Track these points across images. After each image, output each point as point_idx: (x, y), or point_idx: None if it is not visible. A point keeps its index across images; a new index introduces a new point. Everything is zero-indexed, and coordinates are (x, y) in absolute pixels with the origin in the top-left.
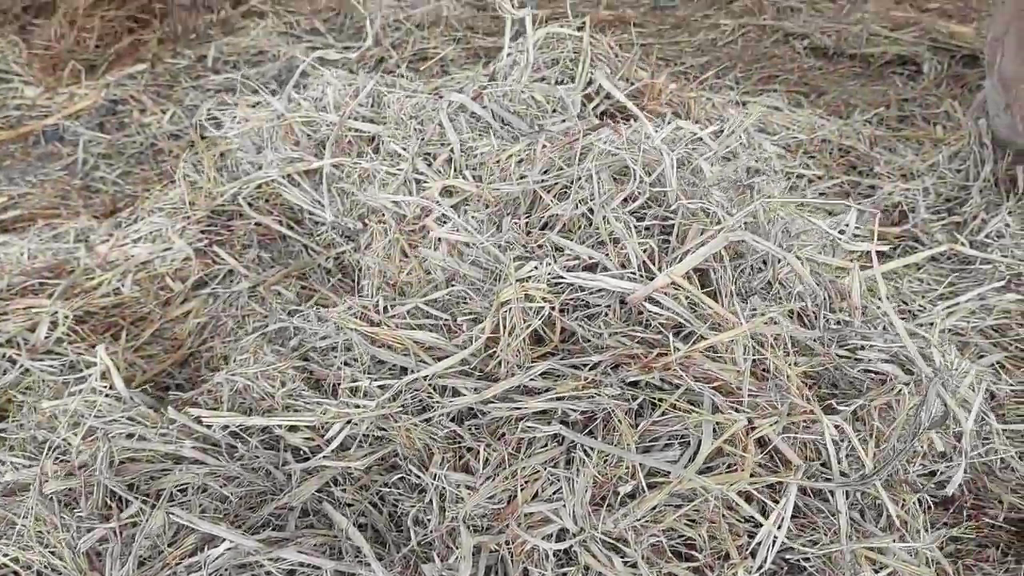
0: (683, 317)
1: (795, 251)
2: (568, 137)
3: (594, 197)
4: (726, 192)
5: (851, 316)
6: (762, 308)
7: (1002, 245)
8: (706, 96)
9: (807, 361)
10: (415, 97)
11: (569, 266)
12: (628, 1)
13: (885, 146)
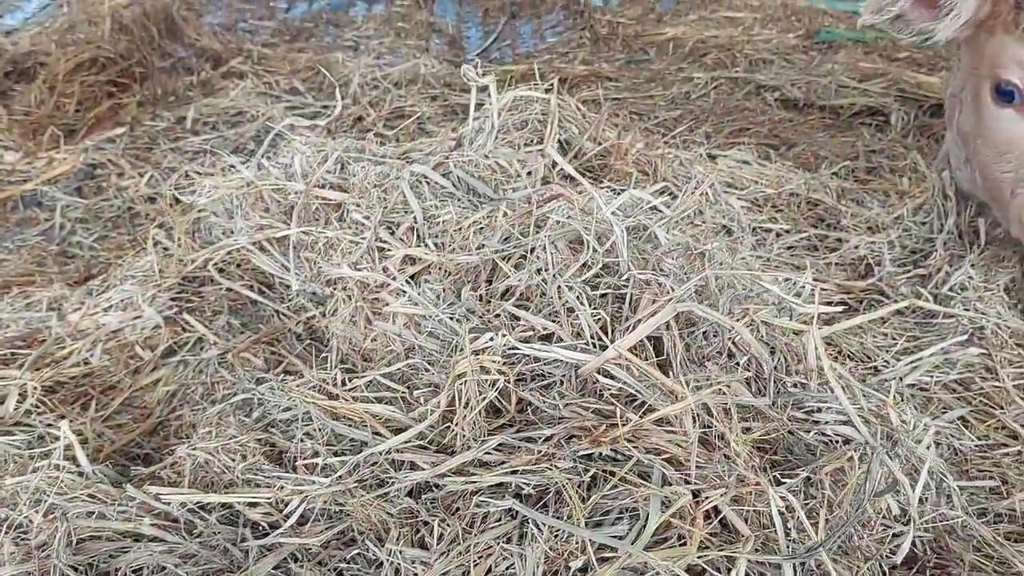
0: (634, 388)
1: (750, 314)
2: (524, 207)
3: (549, 267)
4: (678, 259)
5: (807, 379)
6: (716, 375)
7: (965, 298)
8: (675, 153)
9: (761, 427)
10: (380, 165)
11: (525, 337)
12: (604, 55)
13: (853, 198)
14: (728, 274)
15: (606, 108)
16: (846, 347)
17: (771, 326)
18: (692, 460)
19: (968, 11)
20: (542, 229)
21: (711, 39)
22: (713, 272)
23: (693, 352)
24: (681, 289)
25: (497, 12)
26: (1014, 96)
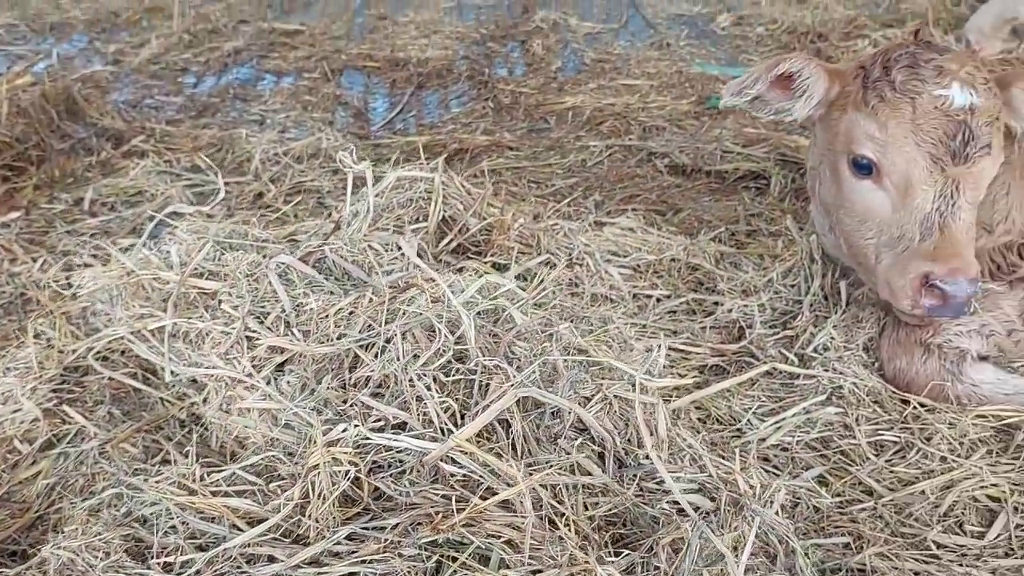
0: (479, 474)
1: (603, 390)
2: (387, 294)
3: (403, 356)
4: (529, 342)
5: (659, 450)
6: (565, 453)
7: (826, 358)
8: (562, 224)
9: (607, 502)
10: (252, 254)
11: (379, 426)
12: (506, 124)
13: (731, 261)
14: (572, 357)
15: (489, 185)
16: (715, 411)
17: (625, 400)
18: (527, 543)
19: (819, 92)
20: (396, 319)
21: (608, 107)
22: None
23: (541, 431)
24: (522, 375)
25: (404, 83)
26: (871, 169)
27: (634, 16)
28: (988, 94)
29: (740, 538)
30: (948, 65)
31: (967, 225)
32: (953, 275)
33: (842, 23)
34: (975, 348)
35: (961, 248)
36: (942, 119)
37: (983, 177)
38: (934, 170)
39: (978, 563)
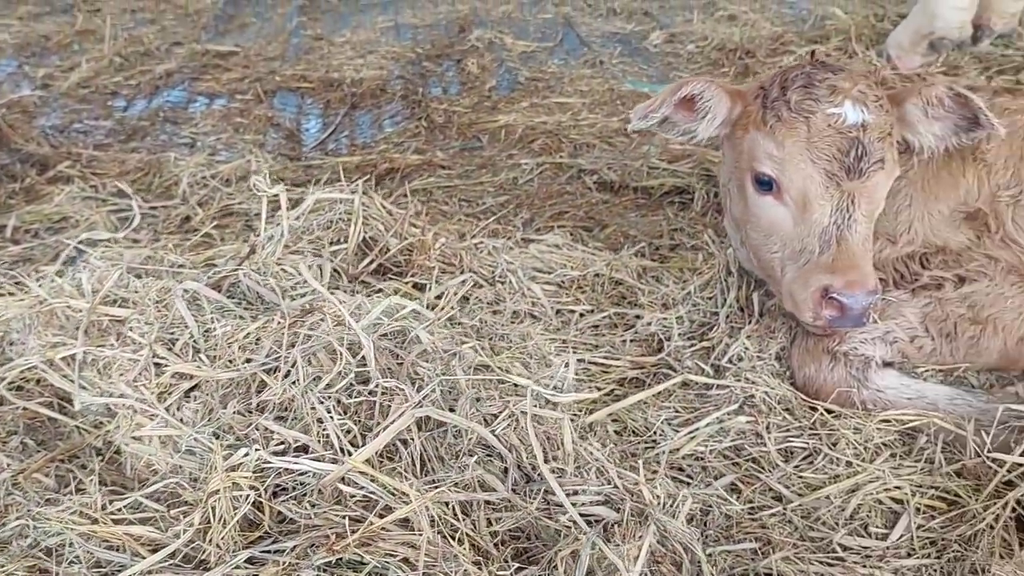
0: (378, 494)
1: (511, 407)
2: (292, 318)
3: (304, 380)
4: (433, 362)
5: (566, 464)
6: (469, 469)
7: (739, 369)
8: (487, 242)
9: (511, 516)
10: (162, 280)
11: (281, 449)
12: (439, 143)
13: (653, 276)
14: (474, 376)
15: (411, 205)
16: (631, 423)
17: (532, 416)
18: (421, 560)
19: (722, 113)
20: (300, 342)
21: (540, 125)
22: (456, 377)
23: (444, 449)
24: (419, 395)
25: (338, 104)
26: (772, 186)
27: (569, 34)
28: (880, 111)
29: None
30: (841, 84)
31: (863, 237)
32: (850, 288)
33: (769, 40)
34: (879, 355)
35: (858, 260)
36: (836, 136)
37: (878, 190)
38: (830, 185)
39: (881, 564)
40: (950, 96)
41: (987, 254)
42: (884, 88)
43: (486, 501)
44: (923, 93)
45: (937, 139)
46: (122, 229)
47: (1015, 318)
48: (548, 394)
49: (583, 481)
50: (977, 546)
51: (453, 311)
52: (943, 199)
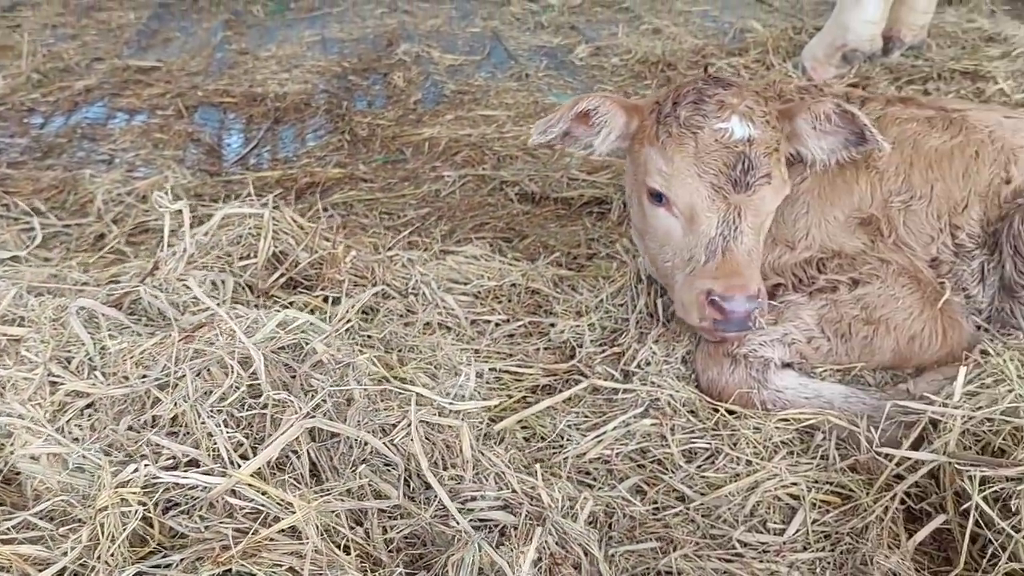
0: (268, 506)
1: (409, 415)
2: (181, 335)
3: (193, 394)
4: (327, 374)
5: (464, 471)
6: (362, 478)
7: (646, 373)
8: (402, 255)
9: (405, 524)
10: (57, 299)
11: (172, 464)
12: (362, 157)
13: (569, 284)
14: (370, 387)
15: (323, 219)
16: (540, 429)
17: (430, 424)
18: (307, 569)
19: (617, 127)
20: (192, 357)
21: (464, 138)
22: (350, 388)
23: (338, 460)
24: (307, 406)
25: (261, 118)
26: (663, 198)
27: (497, 48)
28: (766, 126)
29: (542, 549)
30: (729, 100)
31: (748, 248)
32: (731, 292)
33: (690, 52)
34: (778, 356)
35: (741, 268)
36: (722, 151)
37: (765, 203)
38: (717, 199)
39: (777, 558)
40: (837, 112)
41: (880, 257)
42: (781, 102)
43: (381, 509)
44: (812, 109)
45: (828, 153)
46: (29, 247)
47: (906, 318)
48: (445, 403)
49: (480, 487)
50: (867, 538)
51: (351, 323)
52: (838, 206)
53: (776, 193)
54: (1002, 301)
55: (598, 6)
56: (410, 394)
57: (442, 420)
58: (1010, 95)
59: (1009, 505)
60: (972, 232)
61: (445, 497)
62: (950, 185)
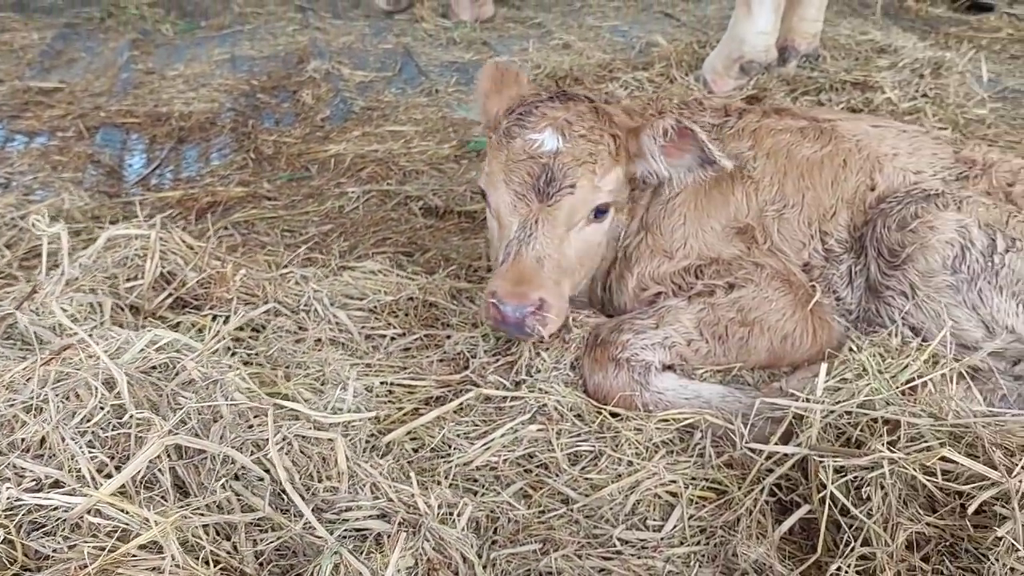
0: (129, 524)
1: (284, 431)
2: (40, 359)
3: (55, 416)
4: (197, 392)
5: (339, 483)
6: (225, 492)
7: (535, 380)
8: (297, 272)
9: (275, 536)
10: None
11: (35, 486)
12: (267, 175)
13: (466, 296)
14: (236, 403)
15: (212, 239)
16: (429, 439)
17: (305, 438)
18: None
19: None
20: (58, 379)
21: (371, 153)
22: (217, 404)
23: (206, 476)
24: (169, 424)
25: (165, 138)
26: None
27: (408, 64)
28: (582, 140)
29: (419, 555)
30: (552, 114)
31: (541, 254)
32: (503, 297)
33: (597, 67)
34: (659, 359)
35: (524, 274)
36: (528, 161)
37: (568, 214)
38: (519, 204)
39: (655, 554)
40: (675, 128)
41: (755, 262)
42: (642, 119)
43: (252, 522)
44: (653, 126)
45: (681, 170)
46: None
47: (779, 319)
48: (319, 416)
49: (353, 497)
50: (737, 530)
51: (237, 341)
52: (715, 216)
53: (584, 204)
54: (868, 301)
55: (511, 22)
56: (287, 409)
57: (318, 434)
58: (897, 104)
59: (863, 493)
60: (840, 237)
61: (304, 507)
62: (820, 193)
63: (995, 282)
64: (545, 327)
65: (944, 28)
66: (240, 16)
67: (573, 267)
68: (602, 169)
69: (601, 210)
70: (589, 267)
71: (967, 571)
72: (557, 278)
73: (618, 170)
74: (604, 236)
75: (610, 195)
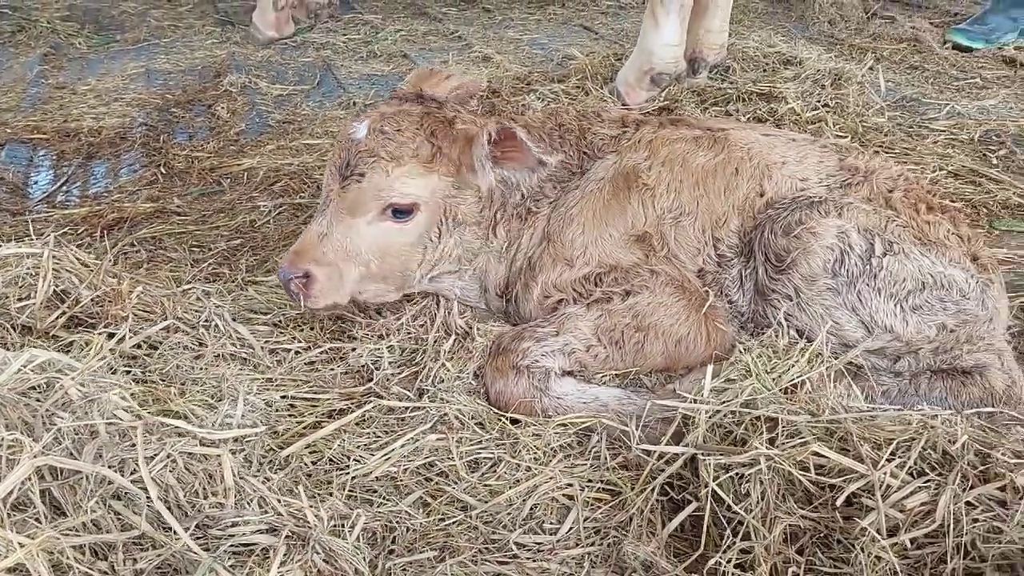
0: None
1: (168, 447)
2: None
3: None
4: (74, 412)
5: (225, 498)
6: (103, 512)
7: (438, 389)
8: (197, 287)
9: (156, 555)
10: None
11: None
12: (177, 190)
13: (374, 309)
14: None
15: (109, 256)
16: (328, 452)
17: (191, 455)
18: None
19: None
20: None
21: (285, 167)
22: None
23: (81, 496)
24: (39, 445)
25: (73, 154)
26: None
27: (327, 77)
28: (382, 136)
29: (308, 567)
30: (384, 109)
31: (322, 232)
32: (283, 261)
33: (514, 79)
34: (559, 365)
35: (302, 245)
36: (341, 145)
37: (357, 201)
38: (326, 185)
39: (550, 556)
40: (498, 131)
41: (651, 269)
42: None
43: (132, 541)
44: (482, 130)
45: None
46: None
47: (673, 323)
48: (203, 433)
49: (238, 512)
50: (629, 530)
51: (107, 358)
52: (613, 224)
53: (374, 200)
54: (757, 304)
55: (432, 35)
56: (173, 427)
57: (204, 450)
58: (800, 113)
59: (743, 489)
60: (731, 243)
61: (175, 523)
62: (713, 201)
63: (873, 284)
64: (307, 299)
65: (849, 40)
66: (158, 30)
67: (365, 260)
68: (400, 170)
69: (400, 210)
70: (394, 269)
71: (838, 561)
72: (339, 261)
73: (433, 177)
74: (412, 240)
75: (410, 198)
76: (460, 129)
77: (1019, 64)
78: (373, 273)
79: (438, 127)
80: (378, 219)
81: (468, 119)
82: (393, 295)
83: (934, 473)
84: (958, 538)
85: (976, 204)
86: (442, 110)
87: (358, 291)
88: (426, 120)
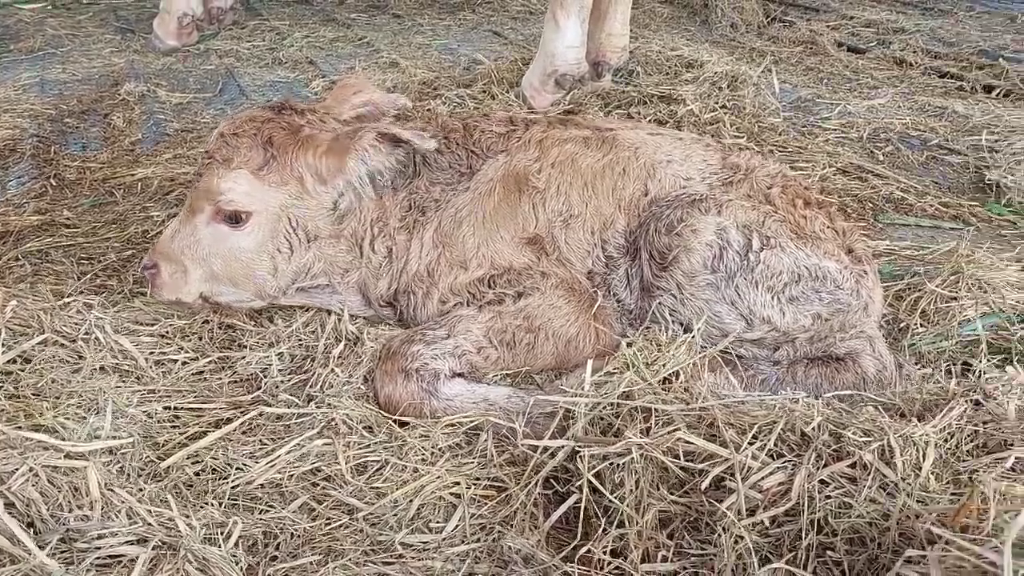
0: None
1: (29, 461)
2: None
3: None
4: None
5: (92, 510)
6: None
7: (324, 396)
8: (78, 300)
9: (15, 568)
10: None
11: None
12: (67, 201)
13: (266, 317)
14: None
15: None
16: (212, 461)
17: (54, 468)
18: None
19: None
20: None
21: (181, 176)
22: None
23: None
24: None
25: None
26: None
27: (230, 84)
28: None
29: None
30: (238, 116)
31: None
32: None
33: (421, 84)
34: (449, 367)
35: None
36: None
37: (196, 199)
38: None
39: (435, 555)
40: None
41: (541, 271)
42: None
43: None
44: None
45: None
46: None
47: (563, 324)
48: (67, 446)
49: (105, 524)
50: (513, 524)
51: None
52: (504, 227)
53: (202, 197)
54: (643, 300)
55: (339, 41)
56: (37, 440)
57: (69, 463)
58: (699, 115)
59: (617, 478)
60: (618, 244)
61: (25, 537)
62: (602, 202)
63: (751, 278)
64: (153, 288)
65: (749, 43)
66: (54, 39)
67: (207, 261)
68: (229, 174)
69: (231, 216)
70: (240, 275)
71: (704, 543)
72: (185, 259)
73: (261, 185)
74: (250, 246)
75: (234, 205)
76: (304, 137)
77: (908, 64)
78: (219, 275)
79: (277, 134)
80: (213, 221)
81: (317, 127)
82: (257, 302)
83: (792, 454)
84: (812, 515)
85: (862, 199)
86: (292, 118)
87: (210, 292)
88: (266, 127)
